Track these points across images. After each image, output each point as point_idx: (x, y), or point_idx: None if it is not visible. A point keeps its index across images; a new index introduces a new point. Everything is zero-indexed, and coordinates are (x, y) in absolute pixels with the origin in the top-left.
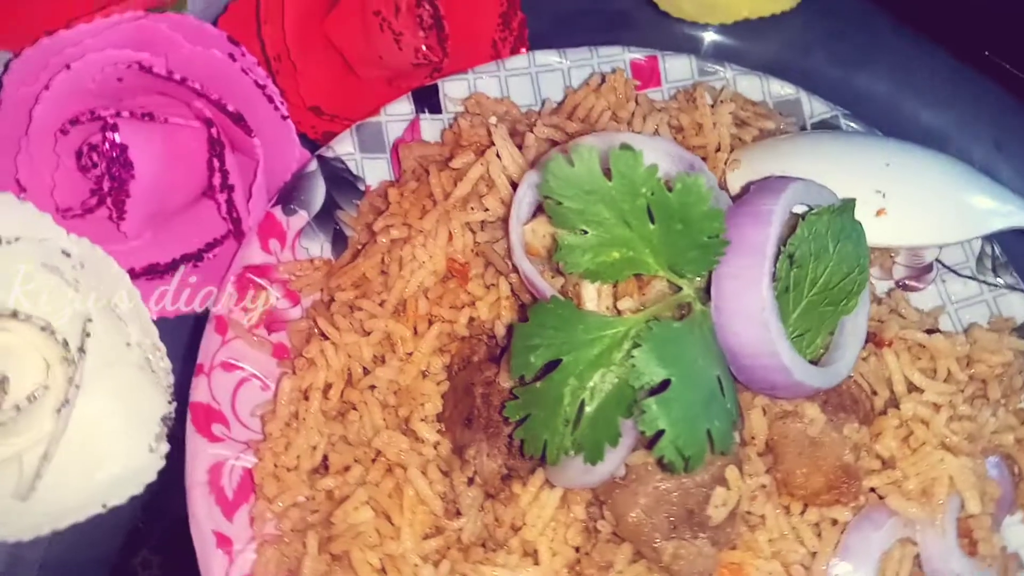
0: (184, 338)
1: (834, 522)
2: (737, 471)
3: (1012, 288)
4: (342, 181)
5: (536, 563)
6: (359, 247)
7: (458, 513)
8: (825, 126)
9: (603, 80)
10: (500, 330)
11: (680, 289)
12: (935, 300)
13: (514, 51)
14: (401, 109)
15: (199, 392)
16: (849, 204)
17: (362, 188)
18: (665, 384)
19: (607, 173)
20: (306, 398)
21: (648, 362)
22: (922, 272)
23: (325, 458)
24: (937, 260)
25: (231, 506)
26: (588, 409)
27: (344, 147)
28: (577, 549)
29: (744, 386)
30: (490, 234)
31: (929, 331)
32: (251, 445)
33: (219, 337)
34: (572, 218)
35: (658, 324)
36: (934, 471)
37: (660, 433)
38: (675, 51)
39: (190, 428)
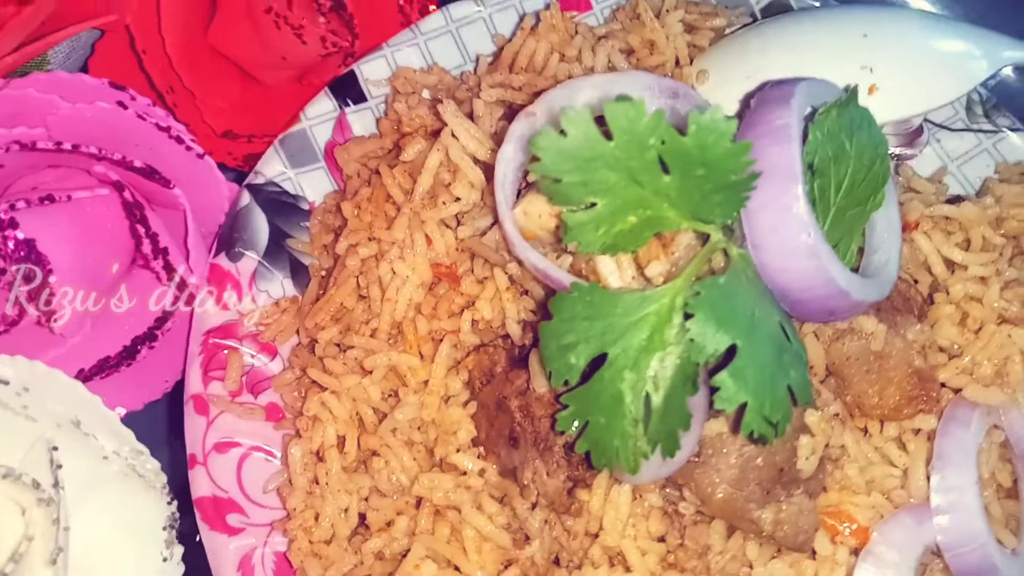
0: (162, 423)
1: (916, 431)
2: (817, 414)
3: (1012, 129)
4: (282, 206)
5: (627, 569)
6: (323, 274)
7: (527, 539)
8: (776, 9)
9: (537, 20)
10: (513, 328)
11: (708, 237)
12: (934, 162)
13: (423, 12)
14: (322, 108)
15: (200, 486)
16: (852, 92)
17: (306, 207)
18: (731, 350)
19: (604, 132)
20: (321, 459)
21: (707, 331)
22: (913, 137)
23: (362, 517)
24: (926, 120)
25: None
26: (655, 401)
27: (273, 168)
28: (662, 539)
29: (797, 320)
30: (471, 226)
31: (950, 200)
32: (276, 526)
33: (202, 419)
34: (575, 193)
35: (704, 285)
36: (1003, 350)
37: (743, 406)
38: None
39: (203, 527)
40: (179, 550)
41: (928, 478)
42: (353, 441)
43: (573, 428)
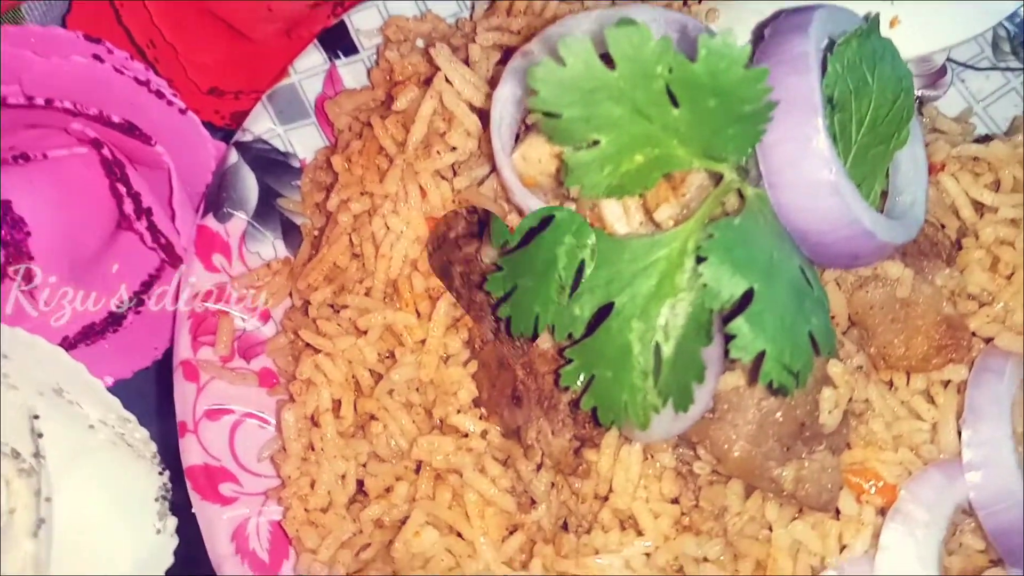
0: (151, 393)
1: (946, 383)
2: (840, 365)
3: None
4: (272, 164)
5: (639, 532)
6: (316, 234)
7: (532, 503)
8: None
9: None
10: None
11: (722, 177)
12: (959, 103)
13: None
14: (311, 62)
15: (191, 454)
16: (873, 22)
17: (297, 165)
18: (747, 296)
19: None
20: (316, 424)
21: (722, 276)
22: (936, 77)
23: (360, 484)
24: (949, 59)
25: (271, 568)
26: (666, 351)
27: (261, 124)
28: (675, 500)
29: (819, 267)
30: (467, 176)
31: (978, 140)
32: (270, 494)
33: (193, 385)
34: (576, 130)
35: (718, 227)
36: None
37: (760, 355)
38: None
39: (195, 497)
40: (172, 522)
41: (959, 433)
42: (349, 405)
43: (578, 384)
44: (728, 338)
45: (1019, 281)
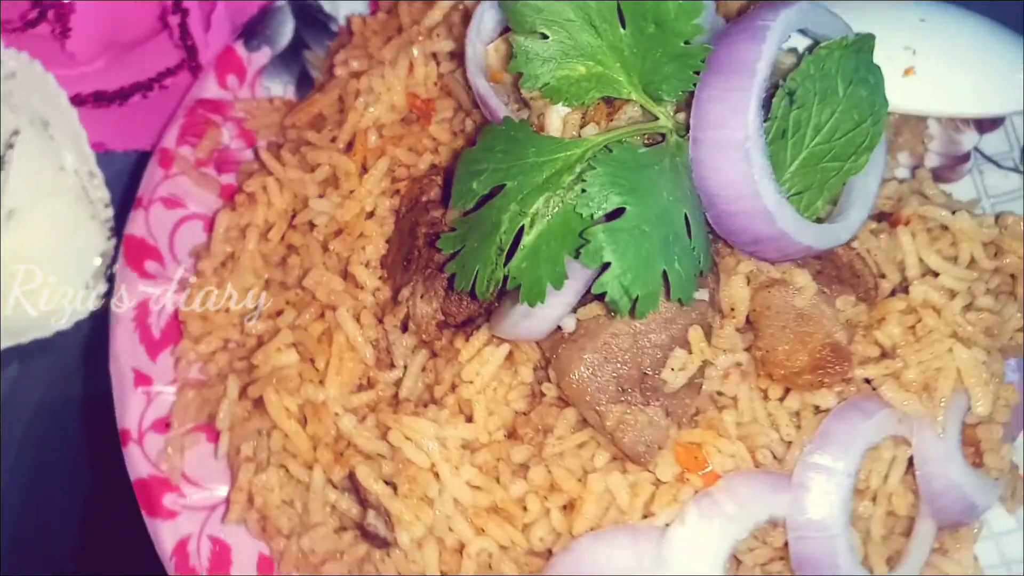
0: (125, 177)
1: (817, 409)
2: (702, 333)
3: None
4: (313, 20)
5: (469, 420)
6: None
7: (392, 365)
8: None
9: None
10: None
11: (656, 119)
12: (970, 192)
13: None
14: None
15: (135, 225)
16: (867, 41)
17: (335, 29)
18: (618, 213)
19: None
20: (243, 236)
21: (600, 186)
22: (958, 162)
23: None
24: (976, 149)
25: (156, 346)
26: (527, 238)
27: None
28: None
29: (725, 243)
30: (456, 66)
31: (954, 212)
32: (184, 285)
33: (162, 171)
34: (528, 18)
35: (619, 146)
36: (940, 361)
37: (606, 267)
38: None
39: (121, 261)
40: (103, 288)
41: None
42: (279, 233)
43: (451, 249)
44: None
45: (928, 342)
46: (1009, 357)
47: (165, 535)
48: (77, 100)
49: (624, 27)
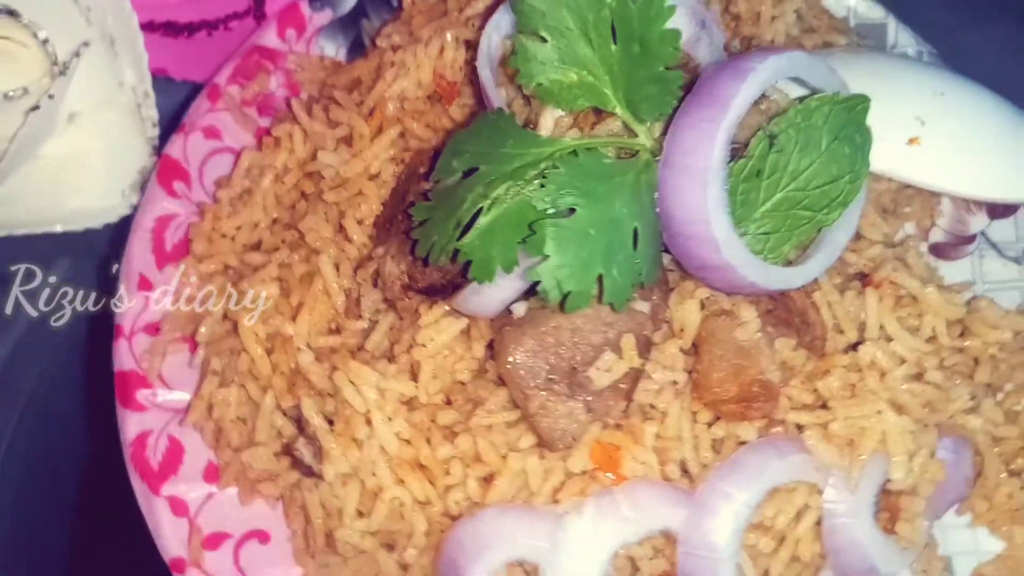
0: (176, 104)
1: (741, 442)
2: (634, 342)
3: None
4: None
5: (413, 378)
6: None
7: (359, 316)
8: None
9: None
10: None
11: (635, 135)
12: (966, 274)
13: None
14: None
15: (174, 147)
16: (862, 102)
17: (395, 4)
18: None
19: None
20: (262, 175)
21: (558, 185)
22: (963, 242)
23: None
24: (982, 233)
25: (165, 258)
26: (483, 219)
27: None
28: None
29: (679, 265)
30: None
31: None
32: (202, 209)
33: (209, 103)
34: (534, 19)
35: (586, 153)
36: (867, 421)
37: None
38: None
39: (153, 177)
40: (136, 198)
41: None
42: (294, 178)
43: (420, 217)
44: None
45: (861, 401)
46: (947, 436)
47: (131, 425)
48: (148, 26)
49: (615, 43)
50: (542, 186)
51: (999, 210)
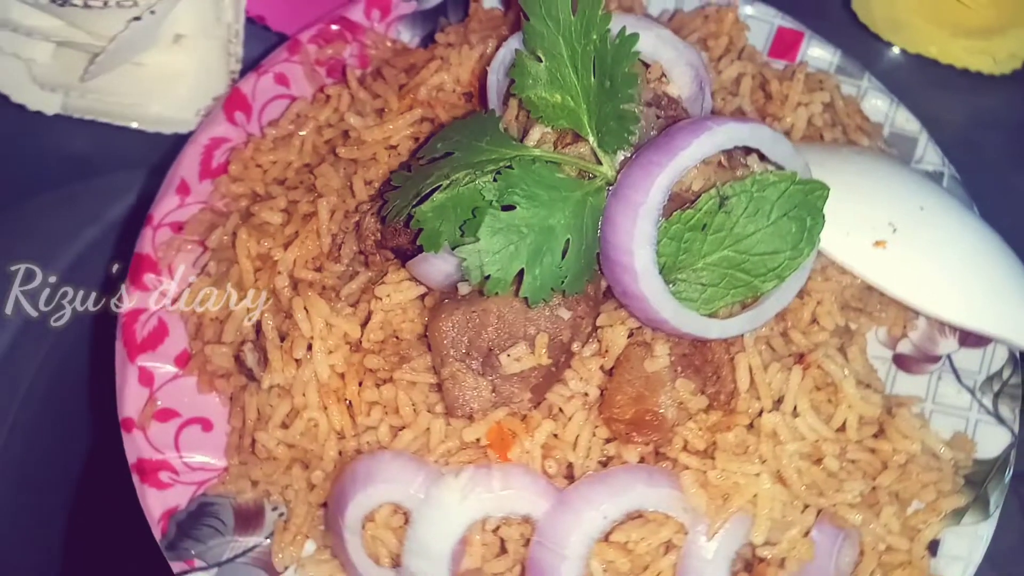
0: (262, 49)
1: (624, 463)
2: (547, 340)
3: (999, 421)
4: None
5: (362, 326)
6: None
7: (338, 260)
8: None
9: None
10: None
11: (599, 163)
12: (920, 390)
13: None
14: None
15: (246, 84)
16: (820, 190)
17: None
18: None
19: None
20: (304, 123)
21: (508, 183)
22: (927, 360)
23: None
24: (948, 356)
25: (209, 172)
26: (439, 195)
27: None
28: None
29: (610, 288)
30: None
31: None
32: (249, 139)
33: (287, 54)
34: (535, 39)
35: (543, 164)
36: (744, 479)
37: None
38: (853, 56)
39: (218, 106)
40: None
41: None
42: (331, 133)
43: (396, 184)
44: None
45: (743, 461)
46: (831, 524)
47: (131, 301)
48: None
49: (595, 77)
50: (495, 179)
51: (972, 339)
